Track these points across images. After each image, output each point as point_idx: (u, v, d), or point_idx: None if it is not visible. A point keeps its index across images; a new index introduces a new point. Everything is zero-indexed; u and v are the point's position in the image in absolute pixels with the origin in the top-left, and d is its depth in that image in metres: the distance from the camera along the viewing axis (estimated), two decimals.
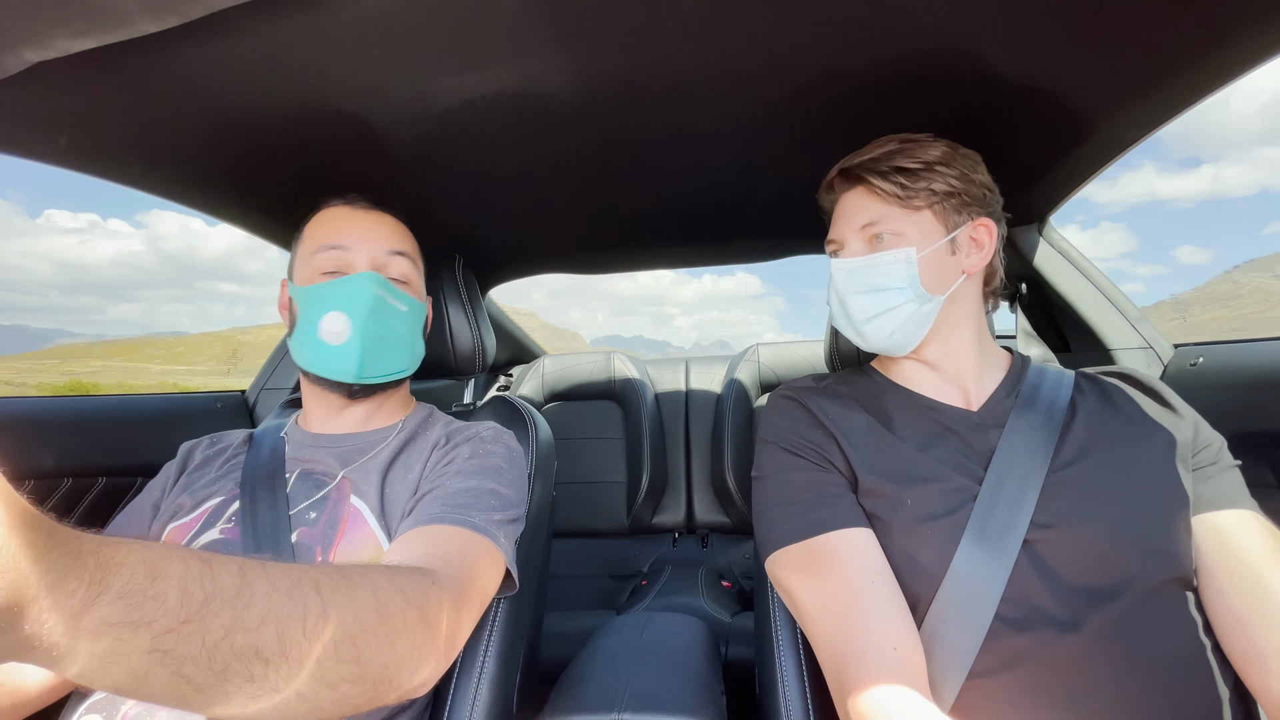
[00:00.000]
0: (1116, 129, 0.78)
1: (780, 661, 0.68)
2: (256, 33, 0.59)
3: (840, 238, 0.71)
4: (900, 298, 0.67)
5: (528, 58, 0.65)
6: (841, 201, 0.72)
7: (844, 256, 0.71)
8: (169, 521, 0.68)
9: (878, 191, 0.68)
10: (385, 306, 0.72)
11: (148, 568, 0.30)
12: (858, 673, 0.52)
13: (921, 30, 0.63)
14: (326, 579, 0.40)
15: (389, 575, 0.45)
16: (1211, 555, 0.58)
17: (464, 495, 0.64)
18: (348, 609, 0.40)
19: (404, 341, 0.75)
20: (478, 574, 0.56)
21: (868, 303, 0.68)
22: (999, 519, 0.57)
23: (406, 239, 0.78)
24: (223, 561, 0.34)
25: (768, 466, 0.69)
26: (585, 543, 1.89)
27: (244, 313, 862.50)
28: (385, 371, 0.74)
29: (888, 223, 0.67)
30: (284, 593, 0.36)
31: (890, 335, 0.68)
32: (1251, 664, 0.53)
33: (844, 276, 0.69)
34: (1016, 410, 0.65)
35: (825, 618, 0.57)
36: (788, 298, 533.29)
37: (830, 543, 0.60)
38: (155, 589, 0.30)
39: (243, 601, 0.34)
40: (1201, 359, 0.99)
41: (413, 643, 0.44)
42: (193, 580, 0.32)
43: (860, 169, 0.69)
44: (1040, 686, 0.53)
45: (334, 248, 0.72)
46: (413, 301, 0.76)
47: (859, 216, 0.69)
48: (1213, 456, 0.63)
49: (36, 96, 0.66)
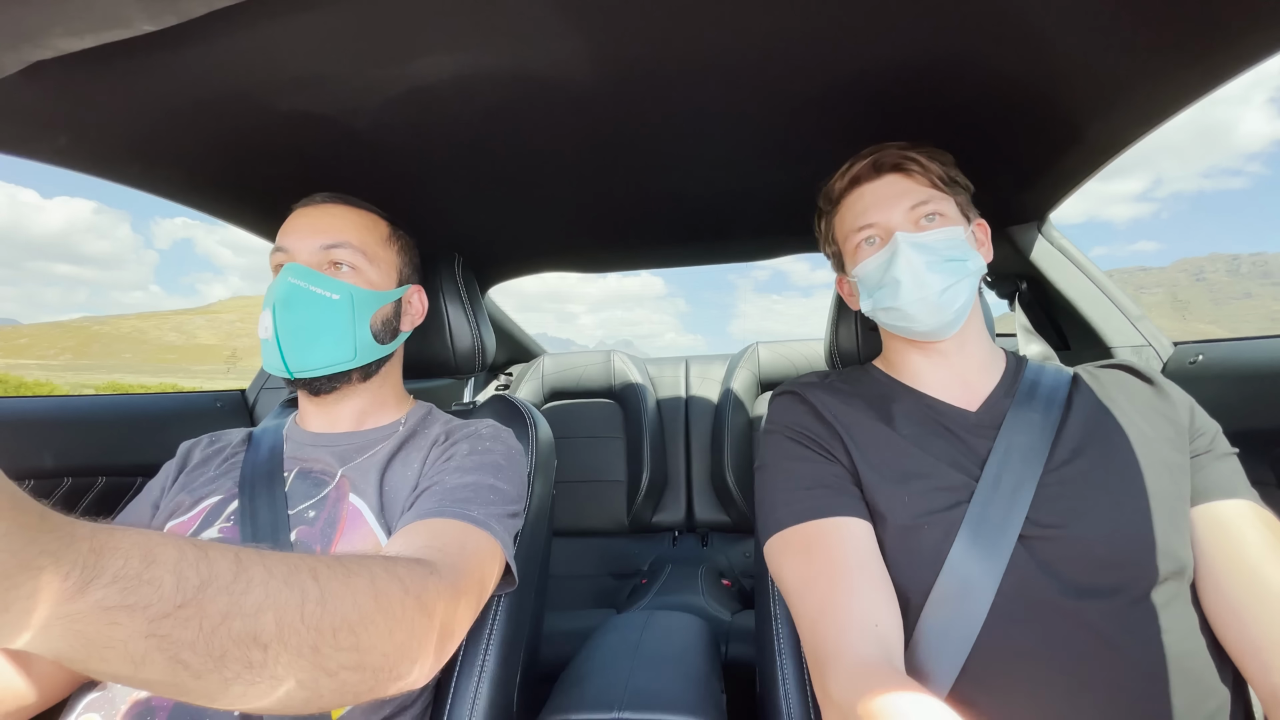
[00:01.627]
0: (1115, 128, 0.78)
1: (781, 660, 0.68)
2: (255, 31, 0.59)
3: (884, 220, 0.70)
4: (966, 268, 0.68)
5: (527, 57, 0.65)
6: (873, 189, 0.71)
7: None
8: (168, 520, 0.68)
9: (918, 176, 0.70)
10: (304, 296, 0.70)
11: (143, 552, 0.30)
12: (837, 644, 0.52)
13: (921, 31, 0.63)
14: (324, 567, 0.40)
15: (388, 565, 0.45)
16: (1209, 546, 0.58)
17: (463, 490, 0.64)
18: (346, 596, 0.40)
19: (335, 331, 0.71)
20: (477, 566, 0.56)
21: (942, 274, 0.67)
22: (994, 516, 0.58)
23: (353, 228, 0.75)
24: (218, 549, 0.34)
25: (771, 455, 0.70)
26: (585, 541, 1.89)
27: (87, 298, 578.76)
28: (318, 364, 0.71)
29: (935, 203, 0.69)
30: (281, 580, 0.36)
31: (959, 307, 0.68)
32: (1247, 654, 0.53)
33: (917, 251, 0.67)
34: (1014, 409, 0.66)
35: (811, 591, 0.58)
36: (689, 299, 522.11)
37: (826, 527, 0.61)
38: (150, 573, 0.30)
39: (239, 587, 0.34)
40: (1201, 356, 0.99)
41: (411, 631, 0.44)
42: (188, 565, 0.32)
43: (897, 156, 0.70)
44: (1035, 683, 0.53)
45: (279, 249, 0.73)
46: (350, 289, 0.72)
47: (905, 198, 0.69)
48: (1208, 444, 0.63)
49: (35, 96, 0.66)
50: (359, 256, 0.74)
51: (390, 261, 0.79)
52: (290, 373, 0.70)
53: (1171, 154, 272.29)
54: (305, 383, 0.73)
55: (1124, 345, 1.09)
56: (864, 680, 0.48)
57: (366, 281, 0.75)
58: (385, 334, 0.77)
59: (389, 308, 0.78)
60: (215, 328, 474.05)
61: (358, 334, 0.73)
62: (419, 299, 0.84)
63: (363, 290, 0.74)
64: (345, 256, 0.73)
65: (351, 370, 0.74)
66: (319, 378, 0.72)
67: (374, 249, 0.77)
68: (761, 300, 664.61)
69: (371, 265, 0.76)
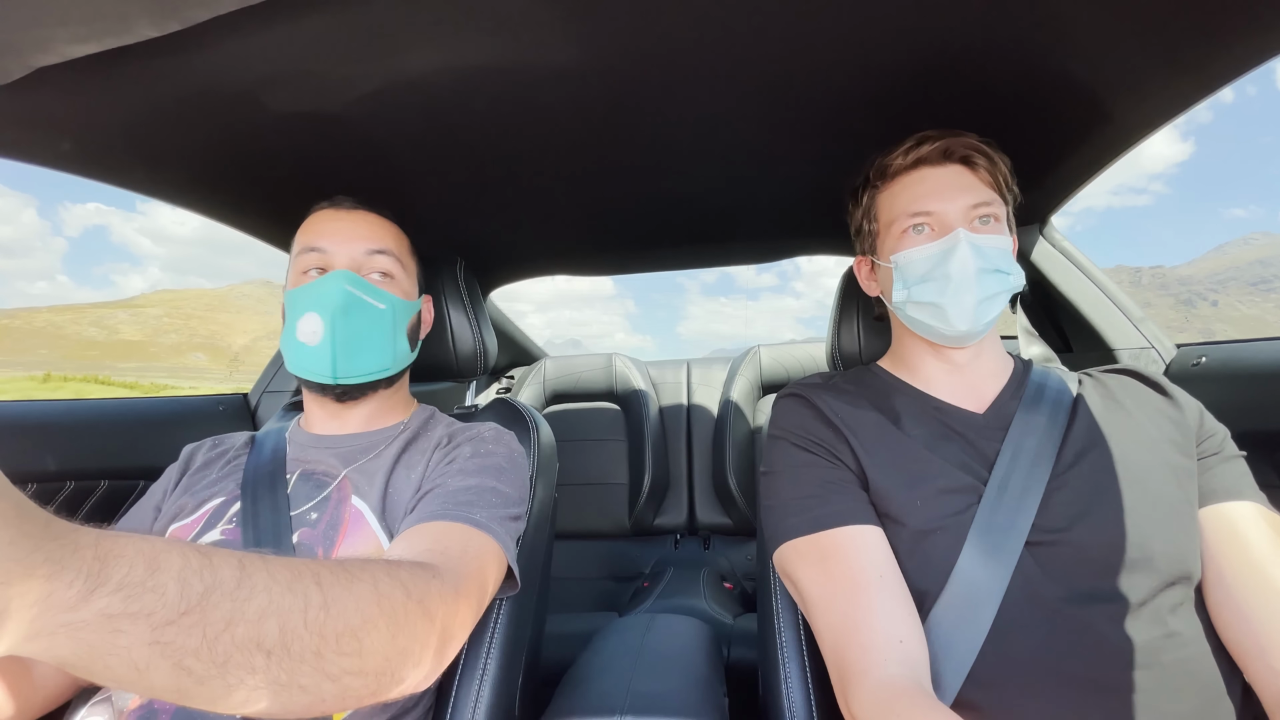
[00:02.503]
0: (1117, 129, 0.78)
1: (784, 663, 0.68)
2: (256, 35, 0.59)
3: (942, 211, 0.66)
4: (1009, 282, 0.66)
5: (528, 59, 0.65)
6: (937, 175, 0.67)
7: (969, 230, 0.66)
8: (170, 523, 0.69)
9: (984, 173, 0.67)
10: (358, 304, 0.71)
11: (146, 560, 0.30)
12: (862, 662, 0.52)
13: (921, 36, 0.63)
14: (327, 572, 0.40)
15: (390, 569, 0.45)
16: (1216, 547, 0.57)
17: (466, 493, 0.64)
18: (349, 601, 0.40)
19: (381, 339, 0.74)
20: (478, 570, 0.57)
21: (989, 282, 0.65)
22: (1002, 520, 0.57)
23: (390, 237, 0.77)
24: (222, 555, 0.34)
25: (778, 462, 0.69)
26: (587, 544, 1.89)
27: None
28: (363, 371, 0.72)
29: (995, 207, 0.66)
30: (284, 585, 0.36)
31: (990, 320, 0.66)
32: (1253, 657, 0.53)
33: (975, 252, 0.64)
34: (1021, 412, 0.65)
35: (832, 608, 0.57)
36: (638, 301, 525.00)
37: (840, 537, 0.60)
38: (154, 581, 0.30)
39: (243, 594, 0.34)
40: (1204, 358, 0.98)
41: (414, 635, 0.44)
42: (192, 572, 0.32)
43: (968, 148, 0.67)
44: (1042, 688, 0.53)
45: (314, 250, 0.73)
46: (393, 299, 0.74)
47: (967, 195, 0.66)
48: (1216, 446, 0.63)
49: (39, 101, 0.66)
50: (396, 265, 0.76)
51: (414, 271, 0.82)
52: (335, 379, 0.71)
53: None
54: (341, 388, 0.73)
55: (1126, 347, 1.09)
56: (891, 703, 0.48)
57: (402, 291, 0.77)
58: (413, 342, 0.80)
59: (415, 317, 0.81)
60: (140, 323, 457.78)
61: (397, 343, 0.76)
62: (428, 308, 0.87)
63: (401, 300, 0.76)
64: (387, 265, 0.75)
65: (385, 378, 0.76)
66: (356, 385, 0.73)
67: (405, 258, 0.79)
68: (709, 303, 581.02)
69: (404, 274, 0.78)
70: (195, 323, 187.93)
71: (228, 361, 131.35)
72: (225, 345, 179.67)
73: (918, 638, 0.54)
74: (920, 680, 0.51)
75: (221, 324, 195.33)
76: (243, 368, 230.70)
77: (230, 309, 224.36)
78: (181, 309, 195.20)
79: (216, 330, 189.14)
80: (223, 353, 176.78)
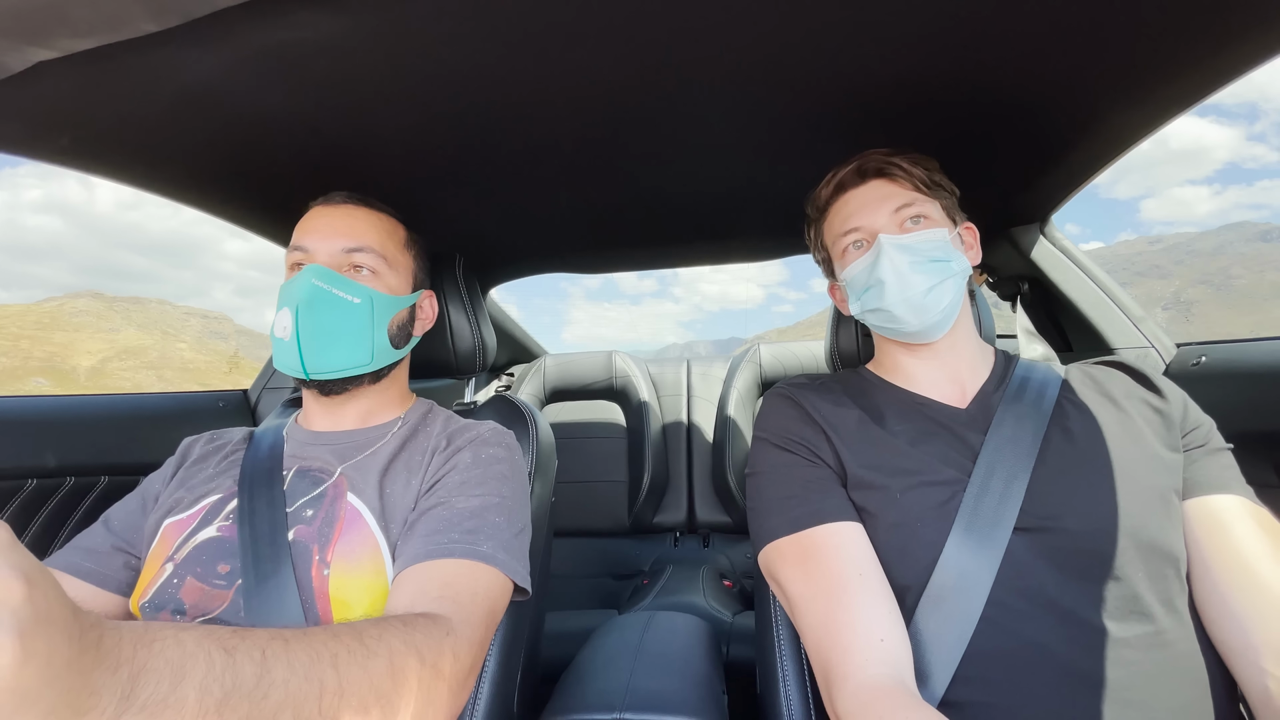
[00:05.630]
0: (1117, 129, 0.78)
1: (781, 661, 0.68)
2: (257, 32, 0.59)
3: (869, 224, 0.71)
4: (950, 269, 0.69)
5: (528, 56, 0.65)
6: (859, 194, 0.73)
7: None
8: (166, 515, 0.69)
9: (901, 180, 0.71)
10: (326, 298, 0.70)
11: (174, 670, 0.32)
12: (844, 663, 0.52)
13: (922, 36, 0.63)
14: (345, 652, 0.43)
15: (406, 634, 0.48)
16: (1202, 541, 0.58)
17: (471, 518, 0.64)
18: (363, 682, 0.42)
19: (354, 334, 0.72)
20: (489, 611, 0.59)
21: (926, 275, 0.68)
22: (988, 510, 0.58)
23: (375, 232, 0.76)
24: (246, 649, 0.37)
25: (761, 463, 0.70)
26: (586, 542, 1.89)
27: None
28: (335, 366, 0.71)
29: (919, 206, 0.70)
30: (302, 675, 0.39)
31: (945, 308, 0.68)
32: (1237, 653, 0.53)
33: (900, 252, 0.68)
34: (1005, 403, 0.66)
35: (813, 609, 0.58)
36: (520, 305, 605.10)
37: (820, 536, 0.61)
38: (176, 695, 0.32)
39: (260, 693, 0.36)
40: (1204, 358, 0.98)
41: (428, 700, 0.47)
42: (214, 679, 0.34)
43: (881, 162, 0.72)
44: (1031, 678, 0.53)
45: (298, 248, 0.73)
46: (370, 293, 0.73)
47: (890, 201, 0.70)
48: (1203, 438, 0.63)
49: (39, 96, 0.66)
50: (379, 261, 0.75)
51: (407, 266, 0.80)
52: (307, 374, 0.70)
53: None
54: (318, 384, 0.73)
55: (1127, 346, 1.09)
56: (872, 704, 0.48)
57: (386, 286, 0.76)
58: (400, 338, 0.78)
59: (405, 313, 0.79)
60: None
61: (376, 338, 0.74)
62: (430, 304, 0.85)
63: (382, 295, 0.75)
64: (366, 260, 0.74)
65: (365, 373, 0.75)
66: (333, 380, 0.73)
67: (393, 253, 0.77)
68: (593, 308, 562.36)
69: (391, 270, 0.76)
70: (26, 343, 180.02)
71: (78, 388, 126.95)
72: (70, 368, 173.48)
73: (899, 635, 0.54)
74: (903, 678, 0.51)
75: (59, 345, 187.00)
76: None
77: (65, 327, 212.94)
78: (4, 329, 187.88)
79: (55, 351, 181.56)
80: (67, 376, 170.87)
